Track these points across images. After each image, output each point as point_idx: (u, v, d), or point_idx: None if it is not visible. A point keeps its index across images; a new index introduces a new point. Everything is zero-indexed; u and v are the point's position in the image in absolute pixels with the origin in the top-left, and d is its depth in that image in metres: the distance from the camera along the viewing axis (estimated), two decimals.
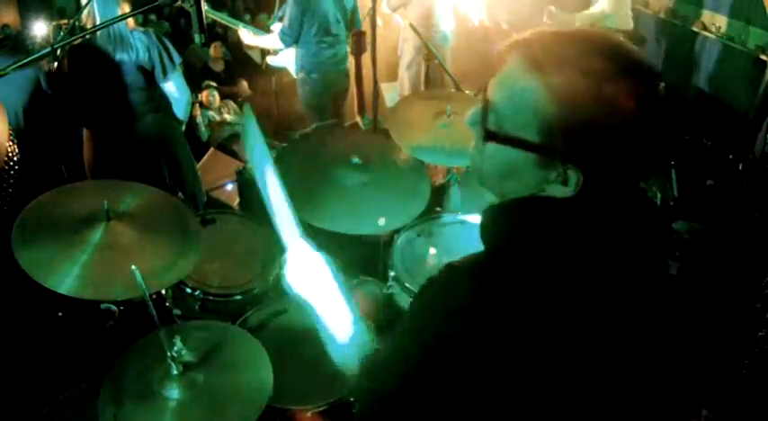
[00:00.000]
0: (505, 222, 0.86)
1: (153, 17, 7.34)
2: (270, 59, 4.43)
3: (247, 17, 7.06)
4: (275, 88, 5.35)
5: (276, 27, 4.03)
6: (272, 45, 4.04)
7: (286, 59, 4.20)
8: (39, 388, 2.03)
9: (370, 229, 2.01)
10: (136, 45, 2.65)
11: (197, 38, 1.62)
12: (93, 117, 2.81)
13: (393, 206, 2.05)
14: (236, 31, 4.35)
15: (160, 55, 2.72)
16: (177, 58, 2.80)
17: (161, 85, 2.79)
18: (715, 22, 5.27)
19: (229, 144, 4.65)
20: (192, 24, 1.60)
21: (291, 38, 3.85)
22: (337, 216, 1.98)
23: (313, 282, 1.08)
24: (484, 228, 0.88)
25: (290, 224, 1.14)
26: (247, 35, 4.10)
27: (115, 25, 2.56)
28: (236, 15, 6.45)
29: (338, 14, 3.92)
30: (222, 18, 4.41)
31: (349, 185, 2.07)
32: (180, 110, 2.90)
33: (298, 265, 1.11)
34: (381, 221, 1.93)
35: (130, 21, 2.72)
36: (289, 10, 3.82)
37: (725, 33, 5.15)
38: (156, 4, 1.61)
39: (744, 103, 4.69)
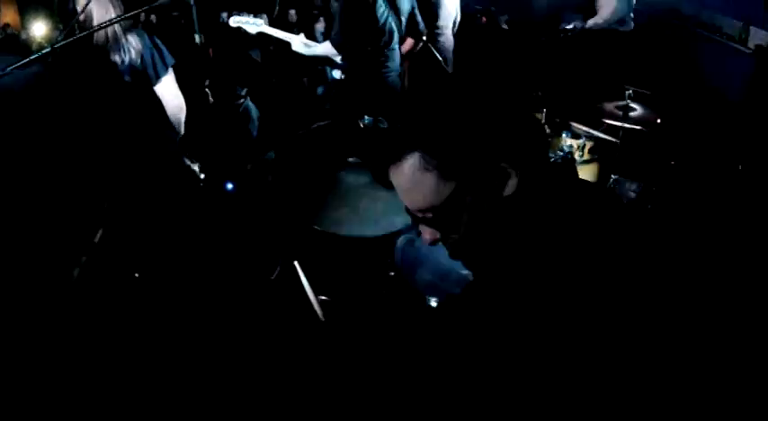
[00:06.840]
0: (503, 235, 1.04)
1: (153, 18, 7.35)
2: (335, 73, 4.41)
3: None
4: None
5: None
6: (326, 52, 3.93)
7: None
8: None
9: (371, 232, 2.01)
10: (129, 47, 2.58)
11: (196, 38, 1.62)
12: (82, 120, 2.73)
13: (393, 206, 2.05)
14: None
15: (152, 57, 2.65)
16: (170, 60, 2.72)
17: (154, 87, 2.70)
18: (715, 21, 5.27)
19: None
20: (192, 24, 1.60)
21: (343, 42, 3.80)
22: (340, 219, 1.97)
23: None
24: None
25: None
26: (302, 47, 3.95)
27: (109, 27, 2.48)
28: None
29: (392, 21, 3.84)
30: (275, 33, 4.00)
31: (349, 186, 2.07)
32: (172, 114, 2.79)
33: None
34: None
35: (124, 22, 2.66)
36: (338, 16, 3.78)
37: (725, 33, 5.15)
38: (157, 3, 1.61)
39: (743, 102, 4.69)
